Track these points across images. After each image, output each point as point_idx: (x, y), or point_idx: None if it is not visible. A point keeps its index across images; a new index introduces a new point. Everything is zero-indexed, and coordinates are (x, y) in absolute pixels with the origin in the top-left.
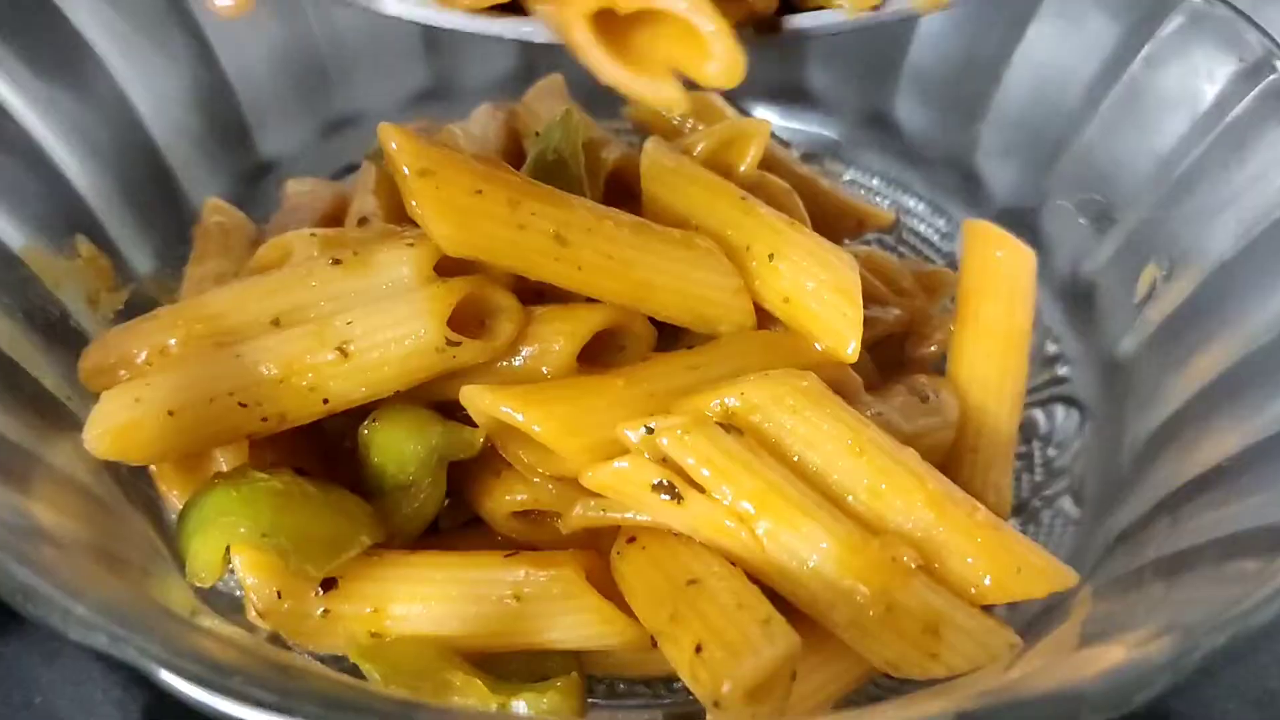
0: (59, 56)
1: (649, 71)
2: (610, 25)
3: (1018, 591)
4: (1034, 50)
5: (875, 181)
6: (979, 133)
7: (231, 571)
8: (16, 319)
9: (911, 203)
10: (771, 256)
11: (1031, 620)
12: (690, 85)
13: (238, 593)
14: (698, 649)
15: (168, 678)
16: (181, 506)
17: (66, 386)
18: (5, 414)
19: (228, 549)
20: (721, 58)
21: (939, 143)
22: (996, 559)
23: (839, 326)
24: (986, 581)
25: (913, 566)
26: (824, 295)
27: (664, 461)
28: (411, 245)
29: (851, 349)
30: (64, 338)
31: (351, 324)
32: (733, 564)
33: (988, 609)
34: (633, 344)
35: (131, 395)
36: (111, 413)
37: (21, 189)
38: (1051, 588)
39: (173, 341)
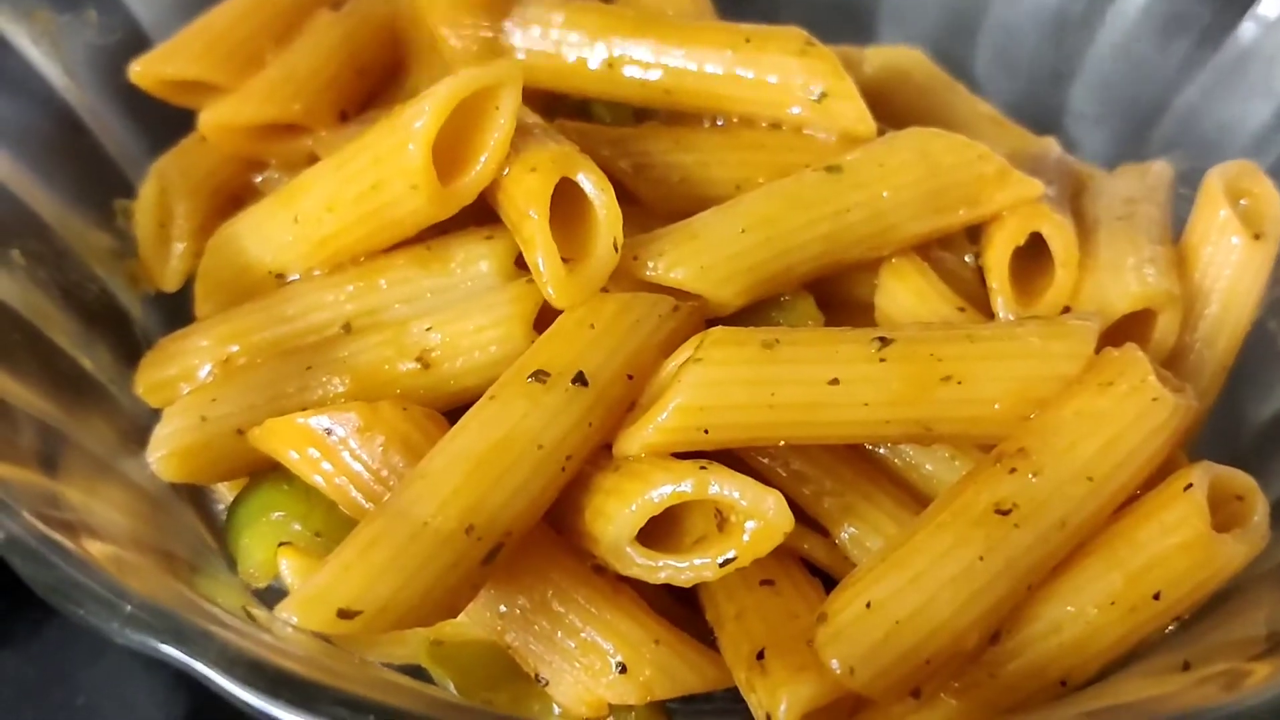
0: None
1: None
2: None
3: None
4: (1130, 5)
5: None
6: (1068, 96)
7: None
8: (53, 296)
9: None
10: None
11: None
12: None
13: None
14: (759, 655)
15: (223, 683)
16: (231, 499)
17: (108, 368)
18: (42, 398)
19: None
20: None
21: (1024, 108)
22: None
23: None
24: None
25: None
26: None
27: None
28: (489, 239)
29: None
30: (104, 316)
31: (430, 330)
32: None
33: None
34: None
35: (197, 414)
36: (177, 433)
37: (56, 155)
38: None
39: (235, 348)
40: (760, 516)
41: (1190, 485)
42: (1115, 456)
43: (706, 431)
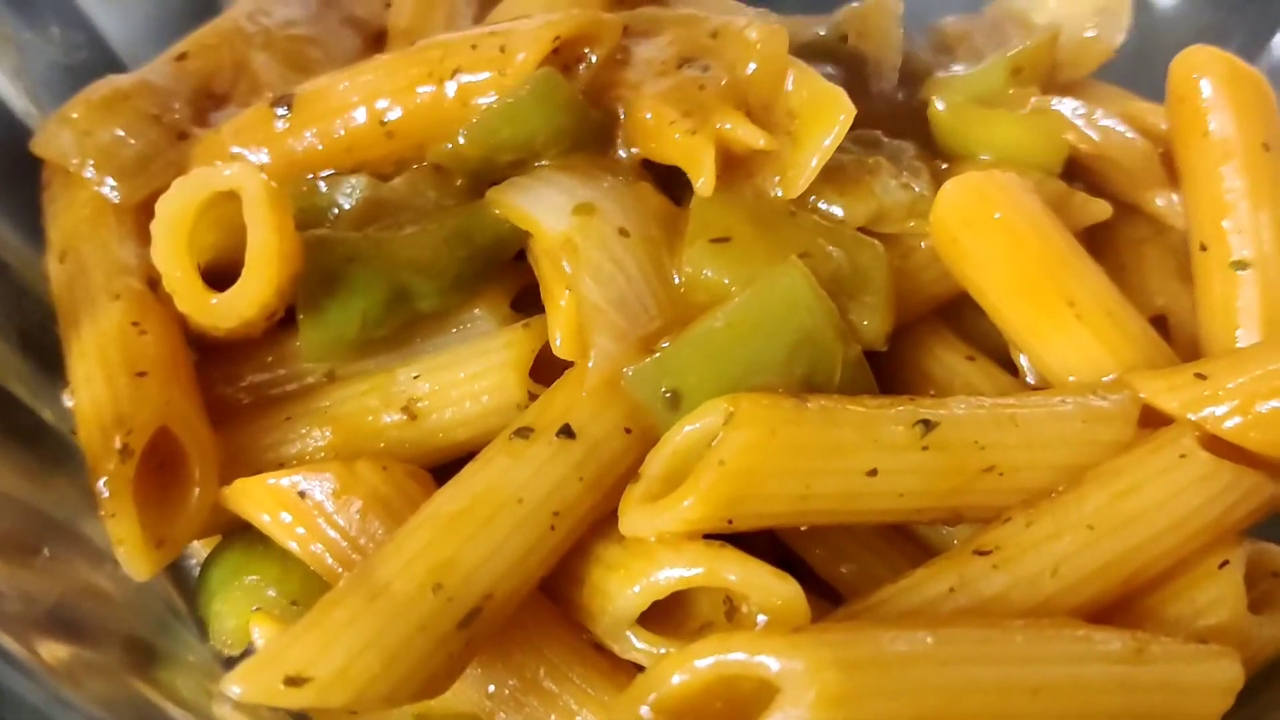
0: None
1: None
2: None
3: None
4: (1157, 18)
5: None
6: None
7: None
8: (10, 339)
9: None
10: None
11: None
12: None
13: None
14: None
15: None
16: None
17: (71, 419)
18: None
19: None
20: None
21: None
22: None
23: None
24: None
25: None
26: None
27: None
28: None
29: None
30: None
31: (419, 378)
32: None
33: None
34: None
35: None
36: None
37: (15, 184)
38: None
39: None
40: (774, 612)
41: (1226, 563)
42: (1126, 510)
43: (731, 521)
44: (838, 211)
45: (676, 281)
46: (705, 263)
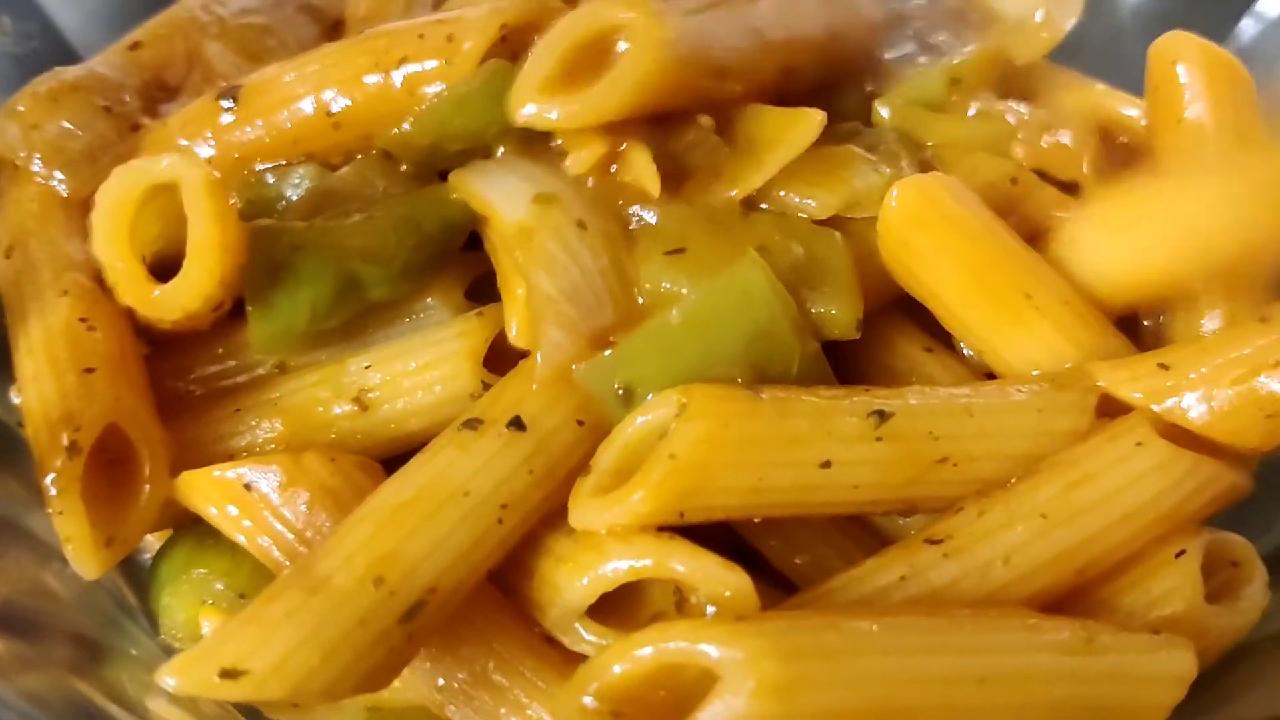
0: None
1: None
2: None
3: None
4: (1121, 4)
5: None
6: None
7: None
8: None
9: None
10: None
11: None
12: None
13: None
14: None
15: None
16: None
17: (18, 412)
18: None
19: None
20: None
21: None
22: None
23: None
24: None
25: None
26: None
27: None
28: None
29: None
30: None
31: (370, 368)
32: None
33: None
34: None
35: None
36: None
37: None
38: None
39: None
40: (722, 602)
41: (1183, 552)
42: (1080, 498)
43: (682, 515)
44: (811, 204)
45: (640, 302)
46: (664, 276)
